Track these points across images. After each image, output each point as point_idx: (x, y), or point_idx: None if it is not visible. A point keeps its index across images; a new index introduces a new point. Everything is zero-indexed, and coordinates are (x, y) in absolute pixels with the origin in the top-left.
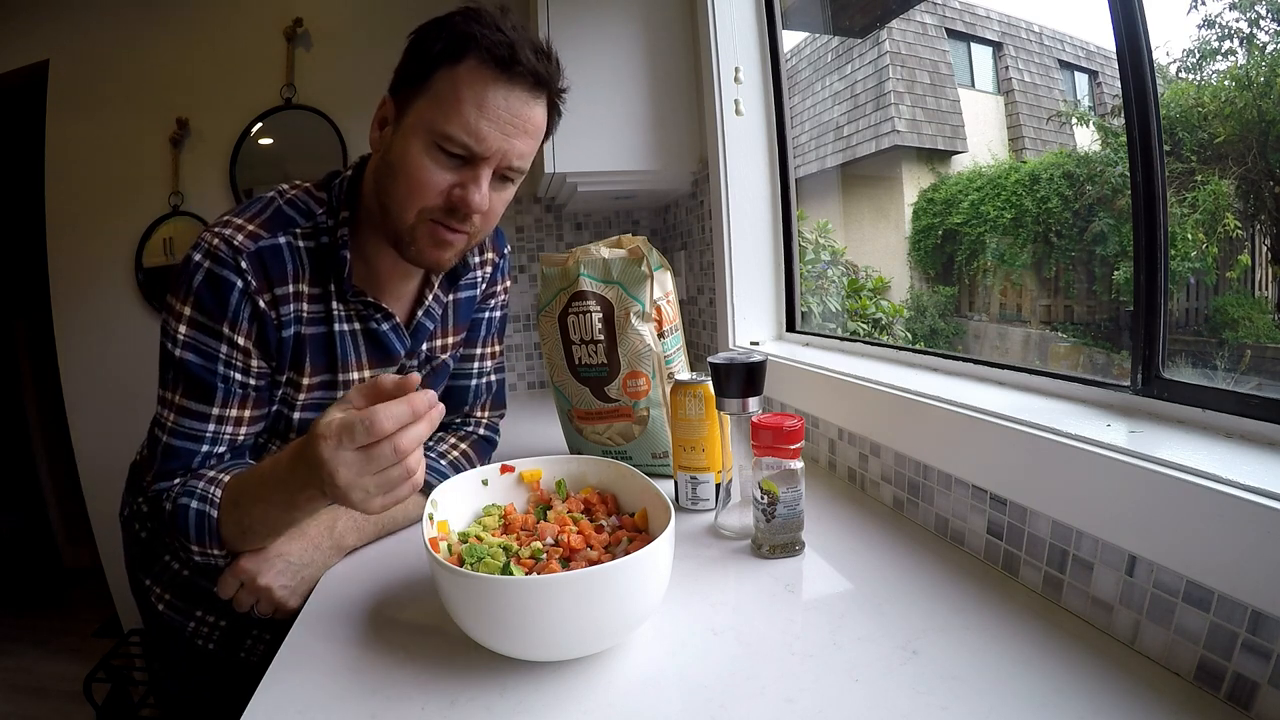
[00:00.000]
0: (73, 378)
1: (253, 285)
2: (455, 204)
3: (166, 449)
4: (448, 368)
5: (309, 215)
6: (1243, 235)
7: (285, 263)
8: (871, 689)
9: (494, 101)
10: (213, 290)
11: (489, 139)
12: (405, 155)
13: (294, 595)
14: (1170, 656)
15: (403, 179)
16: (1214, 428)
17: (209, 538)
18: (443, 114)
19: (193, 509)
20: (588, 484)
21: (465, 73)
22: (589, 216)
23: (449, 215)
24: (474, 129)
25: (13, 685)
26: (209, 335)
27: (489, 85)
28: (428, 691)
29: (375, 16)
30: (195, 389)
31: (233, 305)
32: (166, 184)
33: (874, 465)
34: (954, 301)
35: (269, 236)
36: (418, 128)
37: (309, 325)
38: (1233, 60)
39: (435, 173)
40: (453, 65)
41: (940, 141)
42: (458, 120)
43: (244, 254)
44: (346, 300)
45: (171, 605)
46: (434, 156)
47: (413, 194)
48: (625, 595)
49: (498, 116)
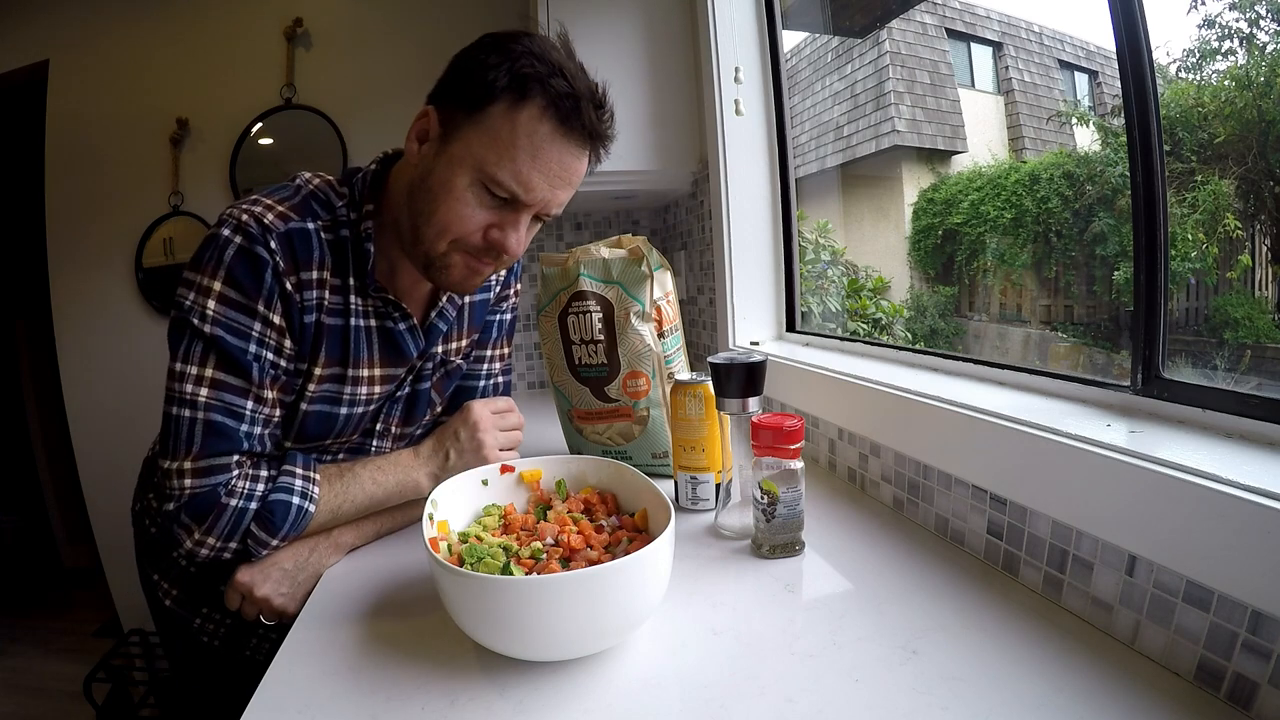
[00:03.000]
0: (73, 378)
1: (282, 266)
2: (492, 244)
3: (208, 426)
4: (460, 370)
5: (330, 208)
6: (1243, 235)
7: (313, 249)
8: (871, 689)
9: (548, 154)
10: (247, 266)
11: (537, 190)
12: (449, 187)
13: (292, 601)
14: (1170, 656)
15: (443, 210)
16: (1214, 428)
17: (295, 532)
18: (495, 156)
19: (293, 505)
20: (588, 484)
21: (526, 120)
22: (589, 216)
23: (483, 253)
24: (525, 179)
25: (13, 685)
26: (242, 312)
27: (547, 139)
28: (428, 691)
29: (375, 16)
30: (229, 365)
31: (267, 284)
32: (166, 184)
33: (874, 465)
34: (954, 301)
35: (298, 220)
36: (465, 162)
37: (328, 315)
38: (1233, 60)
39: (477, 211)
40: (513, 107)
41: (940, 141)
42: (510, 167)
43: (274, 234)
44: (366, 295)
45: (178, 601)
46: (478, 194)
47: (450, 227)
48: (625, 595)
49: (549, 169)
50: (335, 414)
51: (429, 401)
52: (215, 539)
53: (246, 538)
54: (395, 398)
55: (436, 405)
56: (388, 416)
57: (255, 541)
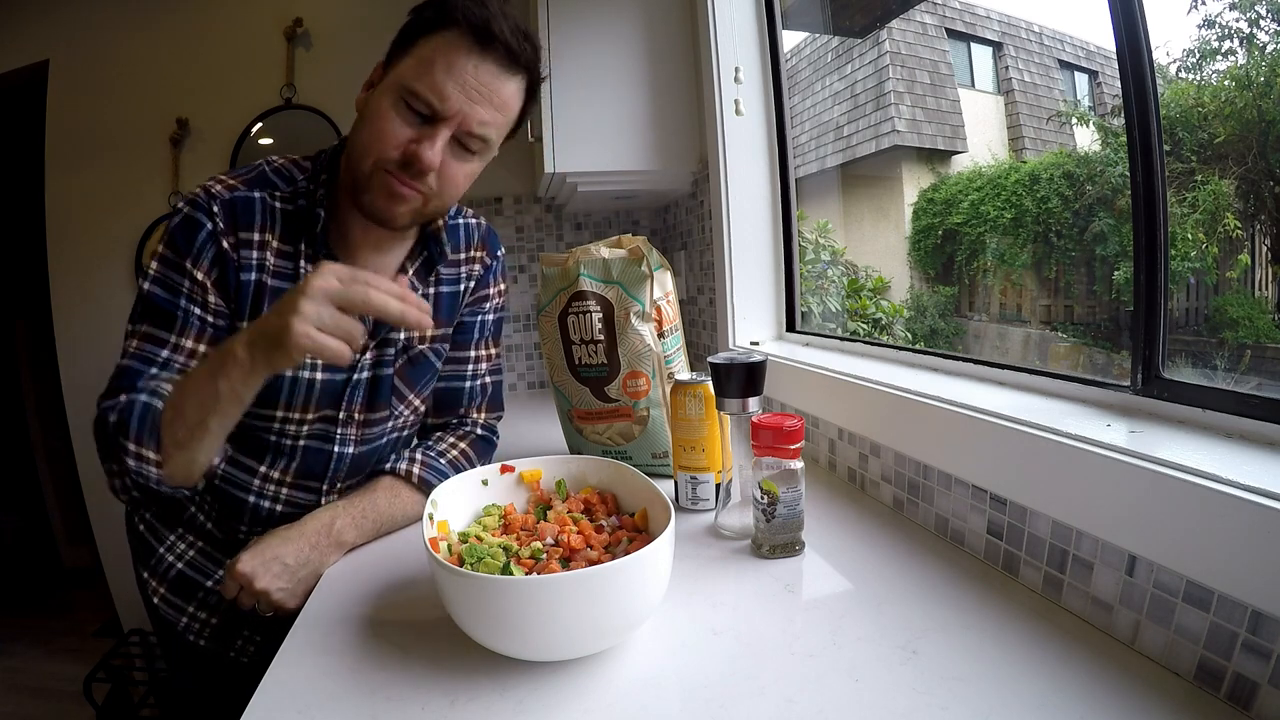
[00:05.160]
0: (73, 378)
1: (220, 227)
2: (409, 158)
3: (119, 370)
4: (430, 363)
5: (290, 181)
6: (1243, 235)
7: (255, 214)
8: (871, 689)
9: (463, 66)
10: (184, 230)
11: (451, 99)
12: (376, 109)
13: (291, 597)
14: (1170, 656)
15: (367, 129)
16: (1214, 428)
17: (147, 433)
18: (415, 73)
19: (139, 401)
20: (588, 484)
21: (443, 40)
22: (589, 216)
23: (402, 169)
24: (439, 88)
25: (13, 685)
26: (174, 270)
27: (461, 52)
28: (428, 691)
29: (375, 16)
30: (158, 318)
31: (198, 243)
32: (166, 184)
33: (874, 465)
34: (954, 301)
35: (245, 190)
36: (391, 85)
37: (274, 277)
38: (1233, 60)
39: (398, 126)
40: (433, 33)
41: (940, 141)
42: (426, 79)
43: (218, 200)
44: (317, 260)
45: (166, 600)
46: (399, 111)
47: (373, 143)
48: (625, 595)
49: (464, 81)
50: (280, 376)
51: (393, 389)
52: (106, 461)
53: (117, 448)
54: (355, 382)
55: (408, 396)
56: (350, 403)
57: (120, 449)
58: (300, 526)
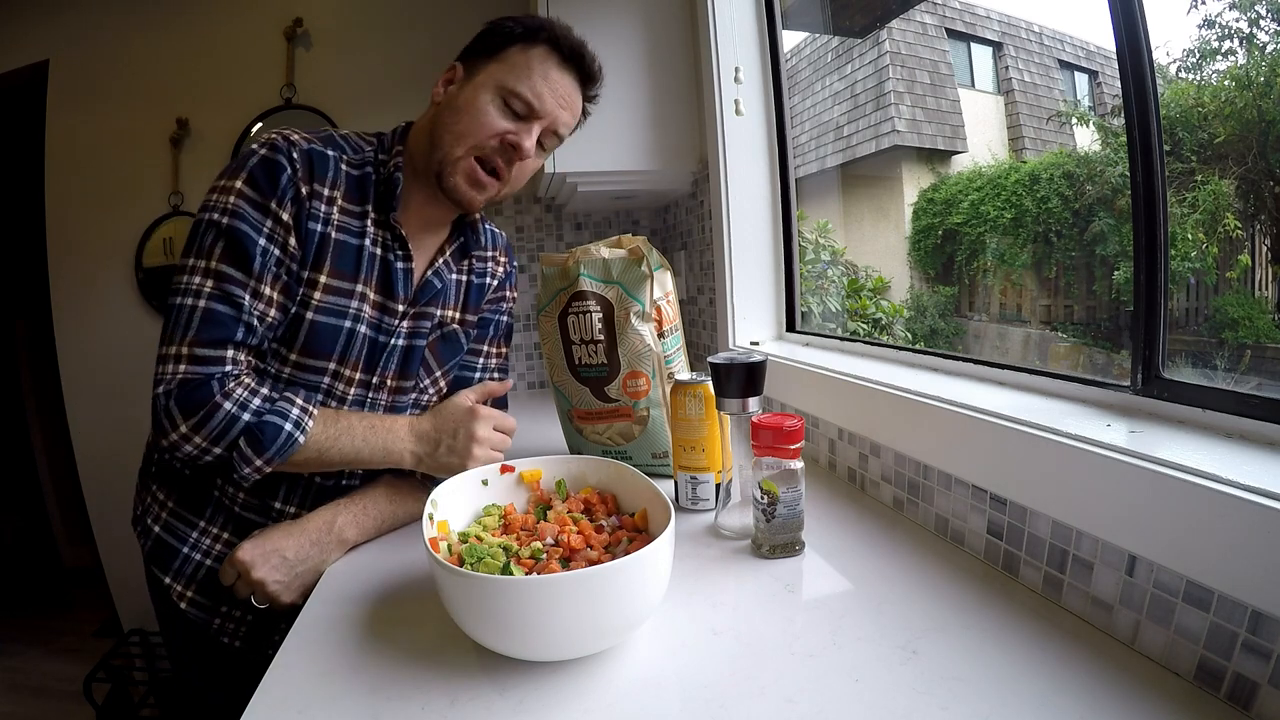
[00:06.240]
0: (73, 378)
1: (299, 174)
2: (507, 145)
3: (207, 314)
4: (459, 341)
5: (357, 150)
6: (1243, 235)
7: (328, 170)
8: (871, 689)
9: (556, 78)
10: (266, 171)
11: (547, 102)
12: (473, 100)
13: (287, 591)
14: (1170, 656)
15: (466, 118)
16: (1214, 428)
17: (278, 457)
18: (514, 76)
19: (285, 430)
20: (588, 484)
21: (537, 53)
22: (589, 216)
23: (498, 153)
24: (538, 92)
25: (13, 685)
26: (256, 209)
27: (555, 67)
28: (428, 691)
29: (375, 16)
30: (236, 255)
31: (282, 185)
32: (166, 184)
33: (874, 465)
34: (954, 301)
35: (321, 146)
36: (488, 83)
37: (339, 231)
38: (1233, 60)
39: (498, 119)
40: (527, 45)
41: (940, 141)
42: (526, 82)
43: (297, 148)
44: (380, 226)
45: (194, 603)
46: (498, 106)
47: (472, 130)
48: (625, 595)
49: (555, 90)
50: (340, 327)
51: (424, 361)
52: (202, 438)
53: (233, 448)
54: (391, 347)
55: (434, 370)
56: (385, 368)
57: (240, 456)
58: (302, 523)
